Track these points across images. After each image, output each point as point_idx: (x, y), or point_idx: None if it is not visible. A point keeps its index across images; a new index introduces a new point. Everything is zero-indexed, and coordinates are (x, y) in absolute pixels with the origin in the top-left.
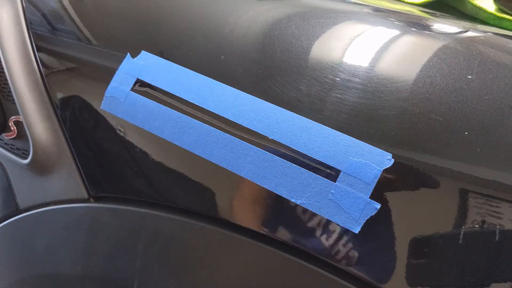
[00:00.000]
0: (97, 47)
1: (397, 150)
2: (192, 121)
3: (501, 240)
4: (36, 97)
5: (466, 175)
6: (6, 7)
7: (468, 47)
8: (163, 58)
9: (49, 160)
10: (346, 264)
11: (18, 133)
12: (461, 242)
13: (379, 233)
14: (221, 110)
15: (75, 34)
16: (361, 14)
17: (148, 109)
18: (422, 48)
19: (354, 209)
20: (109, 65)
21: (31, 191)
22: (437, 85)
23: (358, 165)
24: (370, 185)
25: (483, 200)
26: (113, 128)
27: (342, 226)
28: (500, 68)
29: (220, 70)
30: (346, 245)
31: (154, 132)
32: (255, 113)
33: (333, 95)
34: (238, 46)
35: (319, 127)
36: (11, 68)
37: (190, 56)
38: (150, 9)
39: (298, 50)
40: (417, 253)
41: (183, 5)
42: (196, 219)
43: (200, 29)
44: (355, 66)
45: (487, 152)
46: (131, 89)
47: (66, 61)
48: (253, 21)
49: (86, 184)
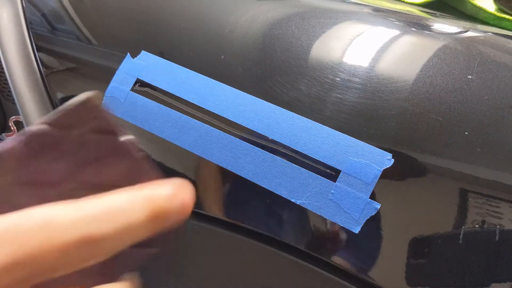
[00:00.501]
0: (97, 47)
1: (397, 150)
2: (192, 121)
3: (501, 240)
4: (36, 97)
5: (466, 175)
6: (6, 7)
7: (468, 47)
8: (163, 58)
9: None
10: (346, 264)
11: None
12: (461, 242)
13: (379, 233)
14: (221, 110)
15: (75, 34)
16: (361, 14)
17: (148, 109)
18: (422, 48)
19: (354, 209)
20: (109, 65)
21: None
22: (437, 85)
23: (358, 165)
24: (370, 185)
25: (483, 200)
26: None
27: (342, 226)
28: (500, 68)
29: (220, 70)
30: (346, 244)
31: (154, 132)
32: (255, 113)
33: (333, 95)
34: (238, 46)
35: (319, 127)
36: (11, 68)
37: (190, 56)
38: (150, 9)
39: (298, 50)
40: (417, 253)
41: (183, 5)
42: (197, 219)
43: (200, 29)
44: (355, 66)
45: (487, 152)
46: (131, 89)
47: (66, 61)
48: (253, 21)
49: None
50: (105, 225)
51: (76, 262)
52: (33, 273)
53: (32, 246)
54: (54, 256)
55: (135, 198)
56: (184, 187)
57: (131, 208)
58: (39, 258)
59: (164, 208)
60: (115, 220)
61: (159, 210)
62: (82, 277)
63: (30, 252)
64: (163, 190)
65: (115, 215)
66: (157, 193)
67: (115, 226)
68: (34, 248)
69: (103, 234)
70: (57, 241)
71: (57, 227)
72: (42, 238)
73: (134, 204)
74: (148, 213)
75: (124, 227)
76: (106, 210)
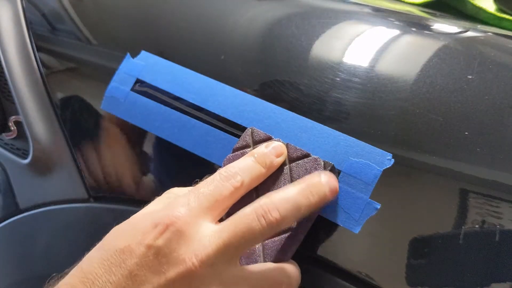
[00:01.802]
0: (97, 47)
1: (397, 150)
2: (192, 121)
3: (501, 240)
4: (36, 97)
5: (466, 175)
6: (6, 7)
7: (468, 47)
8: (163, 58)
9: (49, 160)
10: (346, 263)
11: (18, 133)
12: (461, 242)
13: (379, 233)
14: (221, 110)
15: (75, 34)
16: (361, 14)
17: (148, 109)
18: (422, 48)
19: (354, 209)
20: (109, 65)
21: (31, 191)
22: (437, 85)
23: (358, 165)
24: (370, 185)
25: (483, 200)
26: (113, 128)
27: (342, 226)
28: (500, 68)
29: (220, 70)
30: (346, 244)
31: (154, 132)
32: (255, 113)
33: (333, 95)
34: (238, 46)
35: (319, 127)
36: (11, 68)
37: (190, 56)
38: (150, 9)
39: (298, 50)
40: (417, 253)
41: (183, 5)
42: None
43: (200, 29)
44: (355, 66)
45: (487, 152)
46: (131, 89)
47: (66, 61)
48: (253, 21)
49: (86, 184)
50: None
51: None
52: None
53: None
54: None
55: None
56: (331, 176)
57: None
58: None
59: (325, 192)
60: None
61: (324, 194)
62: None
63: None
64: (321, 179)
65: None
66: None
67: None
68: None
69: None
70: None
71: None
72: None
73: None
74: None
75: (317, 201)
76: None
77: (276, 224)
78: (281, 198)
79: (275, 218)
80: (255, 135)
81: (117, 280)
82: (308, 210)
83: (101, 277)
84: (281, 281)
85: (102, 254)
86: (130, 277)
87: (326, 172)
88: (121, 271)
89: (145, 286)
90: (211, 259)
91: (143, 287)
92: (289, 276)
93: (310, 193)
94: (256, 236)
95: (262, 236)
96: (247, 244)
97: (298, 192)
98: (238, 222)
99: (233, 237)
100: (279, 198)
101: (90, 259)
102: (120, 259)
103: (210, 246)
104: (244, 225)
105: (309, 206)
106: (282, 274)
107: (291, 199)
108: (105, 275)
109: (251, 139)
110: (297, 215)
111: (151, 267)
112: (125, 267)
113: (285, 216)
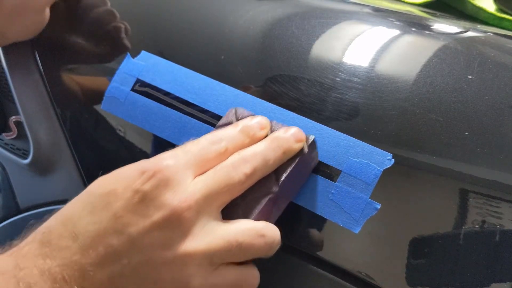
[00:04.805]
0: (97, 47)
1: (397, 150)
2: (192, 121)
3: (501, 240)
4: (36, 97)
5: (466, 175)
6: None
7: (468, 47)
8: (163, 58)
9: (49, 160)
10: (346, 263)
11: (18, 133)
12: (461, 242)
13: (379, 233)
14: (221, 110)
15: (75, 33)
16: (361, 14)
17: (148, 109)
18: (422, 48)
19: (354, 209)
20: (109, 65)
21: (31, 191)
22: (437, 85)
23: (358, 165)
24: (371, 185)
25: (483, 200)
26: (113, 128)
27: (342, 226)
28: (500, 68)
29: (220, 70)
30: (346, 244)
31: (154, 132)
32: (255, 113)
33: (333, 95)
34: (238, 46)
35: (319, 127)
36: (11, 68)
37: (190, 56)
38: (150, 9)
39: (298, 50)
40: (417, 253)
41: (183, 5)
42: None
43: (200, 29)
44: (355, 66)
45: (487, 152)
46: (131, 89)
47: (66, 61)
48: (253, 21)
49: (86, 184)
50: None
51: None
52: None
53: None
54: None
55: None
56: (296, 129)
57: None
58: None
59: (290, 143)
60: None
61: (289, 146)
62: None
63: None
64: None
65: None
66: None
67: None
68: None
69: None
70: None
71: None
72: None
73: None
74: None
75: (284, 152)
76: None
77: (250, 175)
78: (251, 153)
79: (248, 169)
80: (238, 113)
81: (99, 220)
82: (276, 162)
83: (83, 219)
84: (263, 234)
85: (85, 198)
86: (114, 219)
87: (292, 127)
88: (105, 213)
89: (129, 228)
90: (197, 204)
91: (127, 229)
92: (271, 233)
93: (276, 146)
94: (234, 186)
95: (240, 185)
96: (228, 193)
97: (266, 146)
98: (218, 171)
99: (216, 184)
100: (249, 153)
101: (72, 204)
102: (105, 202)
103: (196, 192)
104: (223, 173)
105: (277, 158)
106: (266, 228)
107: (259, 153)
108: (88, 217)
109: (235, 116)
110: (267, 167)
111: (137, 210)
112: (110, 209)
113: (256, 168)
